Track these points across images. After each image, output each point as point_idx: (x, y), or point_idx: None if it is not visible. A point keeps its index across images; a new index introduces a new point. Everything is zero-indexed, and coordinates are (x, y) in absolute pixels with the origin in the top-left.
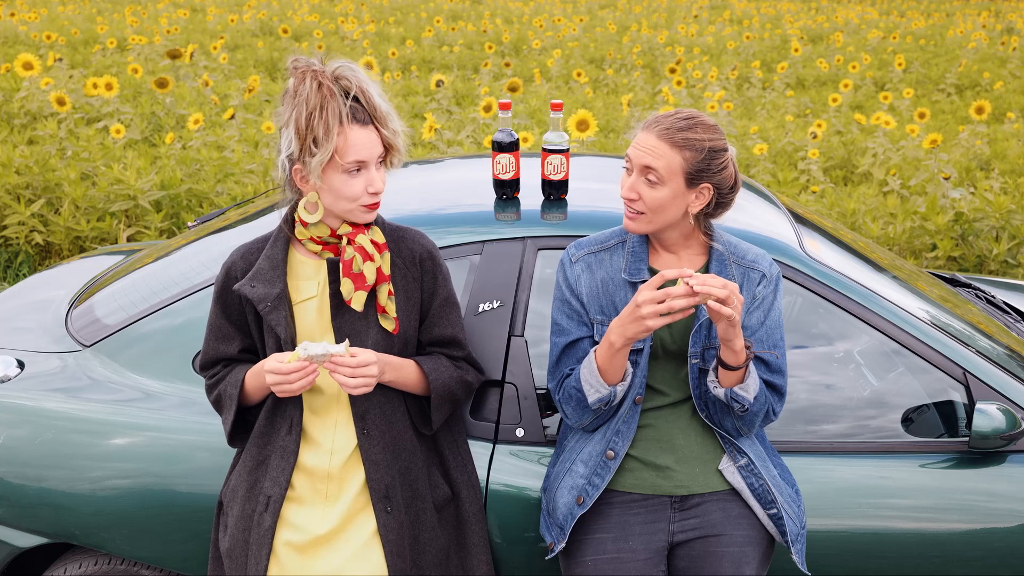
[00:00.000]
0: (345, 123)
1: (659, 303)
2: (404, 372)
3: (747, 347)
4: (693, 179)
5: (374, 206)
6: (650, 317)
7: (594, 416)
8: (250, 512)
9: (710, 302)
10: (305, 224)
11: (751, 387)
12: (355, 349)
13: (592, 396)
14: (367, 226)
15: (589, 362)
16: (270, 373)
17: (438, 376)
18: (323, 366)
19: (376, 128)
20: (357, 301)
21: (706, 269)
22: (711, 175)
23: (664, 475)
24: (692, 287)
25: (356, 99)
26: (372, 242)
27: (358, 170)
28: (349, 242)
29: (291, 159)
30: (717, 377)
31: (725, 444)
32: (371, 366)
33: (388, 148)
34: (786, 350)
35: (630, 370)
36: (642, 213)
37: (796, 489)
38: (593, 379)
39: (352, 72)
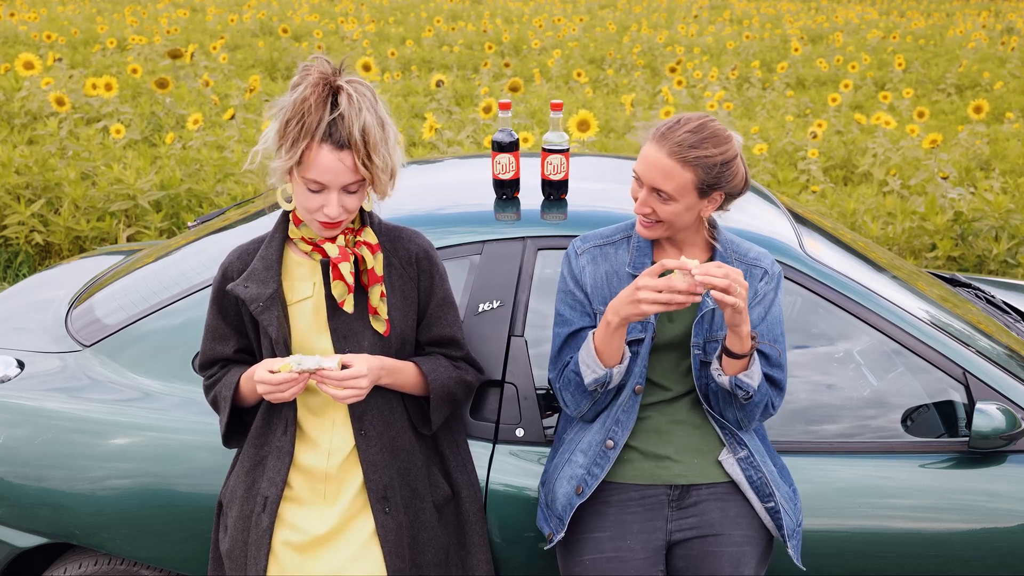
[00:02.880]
0: (316, 140)
1: (658, 291)
2: (402, 375)
3: (753, 336)
4: (705, 192)
5: (331, 226)
6: (646, 303)
7: (592, 401)
8: (248, 513)
9: (714, 292)
10: (298, 222)
11: (755, 374)
12: (348, 358)
13: (588, 377)
14: (360, 228)
15: (587, 344)
16: (261, 383)
17: (437, 377)
18: (312, 378)
19: (353, 155)
20: (349, 303)
21: None
22: (722, 185)
23: (663, 465)
24: (694, 280)
25: (345, 119)
26: (364, 243)
27: (318, 190)
28: (322, 247)
29: (265, 153)
30: (721, 365)
31: (725, 437)
32: (361, 378)
33: (369, 178)
34: (786, 346)
35: (627, 354)
36: (658, 222)
37: (794, 488)
38: (590, 360)
39: (356, 91)
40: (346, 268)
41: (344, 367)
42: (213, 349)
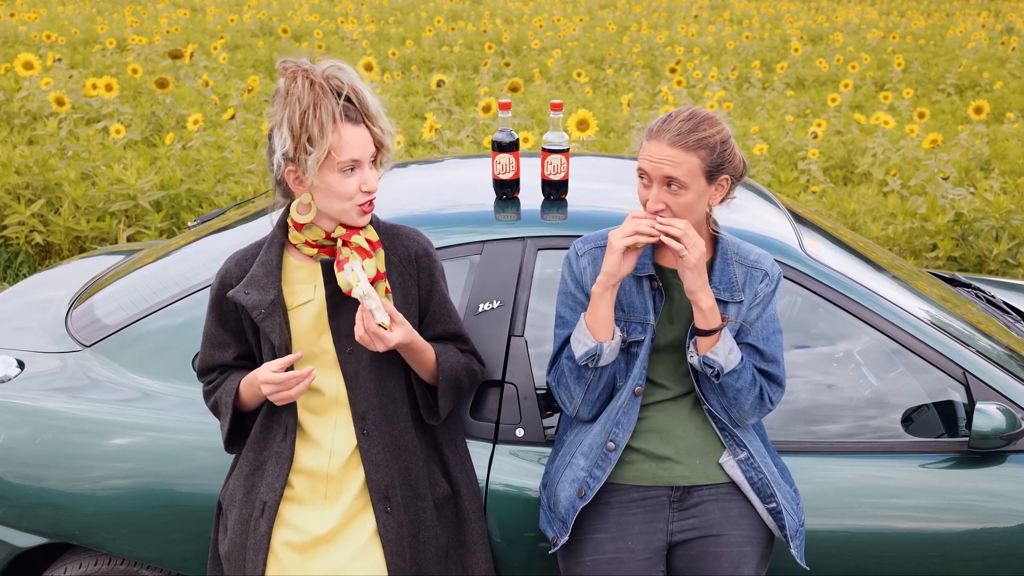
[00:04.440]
0: (338, 121)
1: (628, 235)
2: (424, 356)
3: (723, 317)
4: (713, 175)
5: (369, 207)
6: (617, 239)
7: (584, 389)
8: (247, 517)
9: (663, 238)
10: (299, 227)
11: (721, 350)
12: (399, 318)
13: (579, 351)
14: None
15: (579, 323)
16: (265, 384)
17: (447, 359)
18: (361, 304)
19: (368, 127)
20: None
21: (711, 265)
22: (726, 166)
23: (664, 466)
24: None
25: (348, 99)
26: (367, 240)
27: (352, 169)
28: (344, 244)
29: (286, 157)
30: (695, 347)
31: (725, 438)
32: (383, 342)
33: (378, 147)
34: (782, 342)
35: (618, 334)
36: (664, 216)
37: (795, 489)
38: (581, 334)
39: (343, 72)
40: (371, 264)
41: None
42: (213, 356)
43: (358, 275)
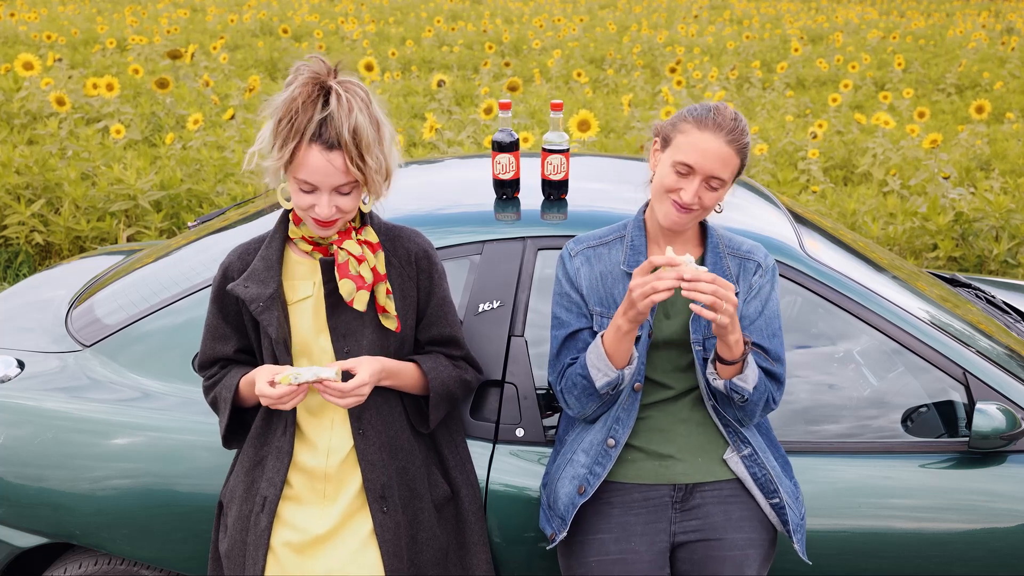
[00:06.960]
0: (305, 140)
1: (647, 297)
2: (403, 377)
3: (745, 341)
4: (737, 175)
5: (326, 225)
6: (639, 300)
7: (599, 403)
8: (247, 513)
9: (692, 305)
10: (297, 221)
11: (750, 377)
12: (351, 363)
13: (600, 380)
14: (360, 227)
15: (596, 347)
16: (262, 396)
17: (437, 375)
18: (313, 387)
19: (346, 157)
20: (360, 301)
21: (702, 260)
22: (743, 170)
23: (666, 464)
24: (682, 276)
25: (334, 119)
26: (365, 242)
27: (309, 190)
28: (336, 245)
29: (261, 153)
30: (716, 369)
31: (729, 434)
32: (364, 387)
33: (359, 181)
34: (784, 340)
35: (636, 354)
36: (693, 210)
37: (795, 483)
38: (601, 363)
39: (346, 91)
40: (365, 268)
41: (344, 372)
42: (213, 349)
43: (286, 376)
